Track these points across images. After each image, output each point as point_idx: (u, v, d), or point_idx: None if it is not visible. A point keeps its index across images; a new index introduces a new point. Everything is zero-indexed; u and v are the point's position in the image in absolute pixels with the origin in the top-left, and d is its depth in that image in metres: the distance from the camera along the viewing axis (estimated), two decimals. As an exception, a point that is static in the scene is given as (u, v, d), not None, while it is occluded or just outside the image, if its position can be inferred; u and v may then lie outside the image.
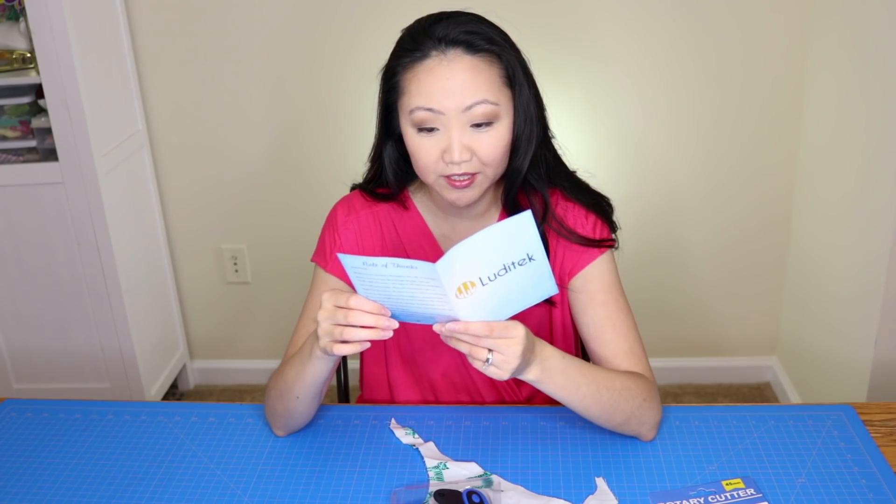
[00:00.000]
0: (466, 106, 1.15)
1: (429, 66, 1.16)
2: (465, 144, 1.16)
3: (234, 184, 2.58)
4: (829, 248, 2.24)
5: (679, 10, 2.31)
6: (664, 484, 1.14)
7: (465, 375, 1.37)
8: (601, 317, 1.28)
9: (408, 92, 1.17)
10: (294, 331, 1.32)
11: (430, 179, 1.21)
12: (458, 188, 1.19)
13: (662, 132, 2.44)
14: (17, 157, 2.27)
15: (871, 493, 1.11)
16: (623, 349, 1.26)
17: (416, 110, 1.16)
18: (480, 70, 1.16)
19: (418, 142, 1.18)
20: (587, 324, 1.29)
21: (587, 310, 1.29)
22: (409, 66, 1.18)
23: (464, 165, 1.17)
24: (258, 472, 1.20)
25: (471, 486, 1.12)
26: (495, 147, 1.18)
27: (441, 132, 1.17)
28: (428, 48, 1.16)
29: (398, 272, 1.00)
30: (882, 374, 1.98)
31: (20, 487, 1.20)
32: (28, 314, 2.41)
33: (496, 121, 1.17)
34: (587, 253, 1.29)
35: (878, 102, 1.93)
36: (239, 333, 2.79)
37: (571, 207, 1.31)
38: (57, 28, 2.08)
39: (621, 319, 1.28)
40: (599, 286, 1.29)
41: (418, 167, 1.21)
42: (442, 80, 1.15)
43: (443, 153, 1.17)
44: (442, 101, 1.15)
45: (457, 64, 1.15)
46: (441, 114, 1.15)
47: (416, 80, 1.16)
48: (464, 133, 1.16)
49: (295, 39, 2.41)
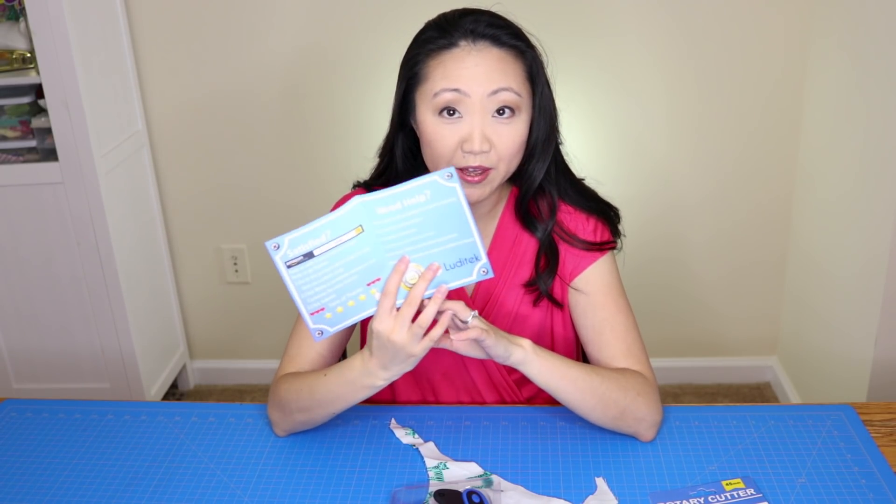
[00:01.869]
0: (493, 90, 1.16)
1: (457, 54, 1.18)
2: (485, 134, 1.17)
3: (234, 184, 2.58)
4: (830, 248, 2.24)
5: (679, 11, 2.31)
6: (664, 484, 1.14)
7: (465, 376, 1.37)
8: (600, 319, 1.28)
9: (431, 77, 1.18)
10: (293, 328, 1.32)
11: None
12: (469, 183, 1.19)
13: (663, 132, 2.44)
14: (17, 157, 2.27)
15: (871, 493, 1.11)
16: (621, 350, 1.26)
17: (442, 92, 1.17)
18: (507, 61, 1.18)
19: (437, 129, 1.18)
20: (586, 327, 1.29)
21: (587, 313, 1.29)
22: (434, 53, 1.19)
23: (480, 157, 1.17)
24: (258, 472, 1.20)
25: (471, 486, 1.12)
26: (513, 141, 1.19)
27: (462, 120, 1.17)
28: (456, 38, 1.18)
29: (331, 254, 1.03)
30: (882, 374, 1.98)
31: (20, 487, 1.20)
32: (28, 314, 2.41)
33: (518, 112, 1.19)
34: (588, 256, 1.30)
35: (878, 102, 1.93)
36: (239, 333, 2.79)
37: (573, 212, 1.32)
38: (57, 28, 2.08)
39: (620, 321, 1.28)
40: (599, 288, 1.29)
41: (433, 156, 1.21)
42: (471, 65, 1.17)
43: (462, 142, 1.17)
44: (469, 84, 1.16)
45: (486, 53, 1.17)
46: (467, 96, 1.16)
47: (442, 66, 1.18)
48: (485, 122, 1.17)
49: (295, 39, 2.41)
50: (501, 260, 1.33)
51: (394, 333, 1.06)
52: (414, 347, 1.07)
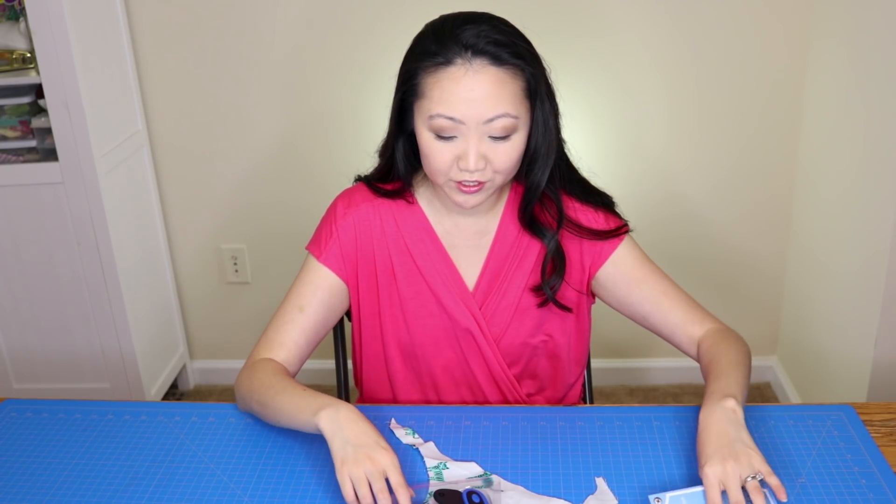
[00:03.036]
0: (488, 119, 1.16)
1: (453, 74, 1.16)
2: (481, 153, 1.17)
3: (234, 184, 2.58)
4: (829, 247, 2.24)
5: (679, 11, 2.31)
6: (664, 484, 1.14)
7: (465, 370, 1.37)
8: (649, 290, 1.32)
9: (429, 97, 1.18)
10: (277, 315, 1.33)
11: (439, 181, 1.23)
12: (466, 193, 1.21)
13: (663, 132, 2.44)
14: (17, 157, 2.27)
15: (871, 493, 1.11)
16: (687, 312, 1.31)
17: (437, 117, 1.17)
18: (504, 82, 1.16)
19: (434, 145, 1.19)
20: (637, 303, 1.33)
21: (632, 291, 1.33)
22: (431, 70, 1.18)
23: (476, 174, 1.18)
24: (258, 472, 1.20)
25: (471, 486, 1.12)
26: (510, 158, 1.20)
27: (458, 140, 1.18)
28: (453, 54, 1.16)
29: None
30: (882, 374, 1.98)
31: (20, 487, 1.20)
32: (28, 314, 2.41)
33: (514, 133, 1.19)
34: (608, 244, 1.33)
35: (878, 102, 1.93)
36: (239, 333, 2.78)
37: (581, 208, 1.34)
38: (57, 28, 2.08)
39: (669, 286, 1.33)
40: (633, 265, 1.33)
41: (430, 169, 1.22)
42: (466, 90, 1.15)
43: (457, 159, 1.18)
44: (464, 112, 1.15)
45: (482, 75, 1.15)
46: (462, 123, 1.16)
47: (438, 85, 1.17)
48: (481, 143, 1.17)
49: (295, 39, 2.41)
50: (503, 256, 1.34)
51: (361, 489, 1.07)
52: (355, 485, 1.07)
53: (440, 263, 1.33)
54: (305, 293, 1.33)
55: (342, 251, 1.33)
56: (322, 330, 1.35)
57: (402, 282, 1.34)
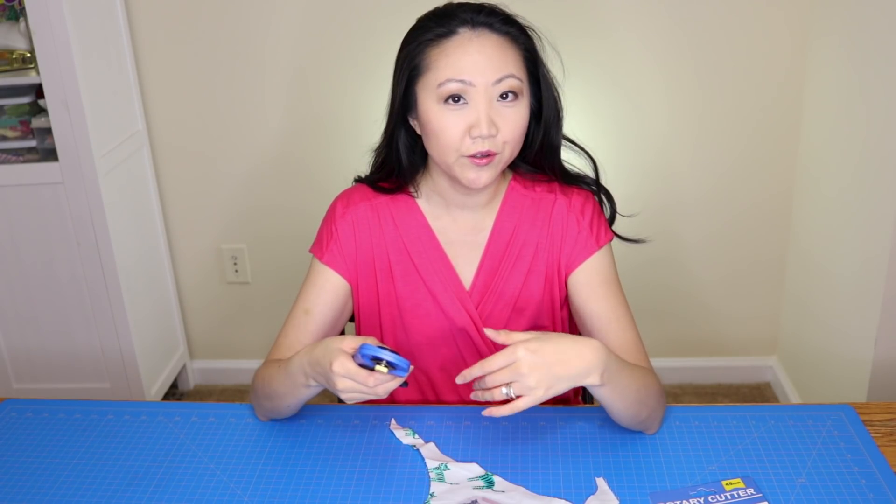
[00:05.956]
0: (497, 79, 1.19)
1: (458, 42, 1.20)
2: (492, 118, 1.20)
3: (234, 184, 2.58)
4: (830, 248, 2.24)
5: (679, 10, 2.31)
6: (664, 484, 1.14)
7: (463, 369, 1.37)
8: (605, 309, 1.30)
9: (435, 67, 1.20)
10: (287, 319, 1.34)
11: (450, 159, 1.22)
12: (478, 166, 1.21)
13: (663, 131, 2.44)
14: (17, 157, 2.27)
15: (871, 493, 1.11)
16: (629, 343, 1.29)
17: (447, 82, 1.19)
18: (506, 47, 1.22)
19: (444, 117, 1.20)
20: (591, 316, 1.31)
21: (590, 302, 1.32)
22: (434, 43, 1.21)
23: (488, 142, 1.20)
24: (258, 472, 1.20)
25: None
26: (517, 124, 1.22)
27: (468, 106, 1.20)
28: (455, 25, 1.21)
29: None
30: (882, 374, 1.98)
31: (20, 487, 1.20)
32: (28, 314, 2.41)
33: (520, 96, 1.22)
34: (588, 247, 1.32)
35: (878, 102, 1.93)
36: (239, 333, 2.78)
37: (574, 190, 1.36)
38: (57, 28, 2.08)
39: (624, 314, 1.31)
40: (601, 280, 1.32)
41: (440, 146, 1.22)
42: (473, 53, 1.19)
43: (469, 128, 1.20)
44: (473, 74, 1.19)
45: (486, 40, 1.20)
46: (472, 86, 1.19)
47: (444, 54, 1.20)
48: (491, 107, 1.20)
49: (294, 40, 2.41)
50: (499, 253, 1.34)
51: (345, 387, 1.10)
52: (349, 396, 1.11)
53: (437, 262, 1.33)
54: (310, 296, 1.34)
55: (342, 251, 1.33)
56: (330, 331, 1.35)
57: (400, 280, 1.34)
